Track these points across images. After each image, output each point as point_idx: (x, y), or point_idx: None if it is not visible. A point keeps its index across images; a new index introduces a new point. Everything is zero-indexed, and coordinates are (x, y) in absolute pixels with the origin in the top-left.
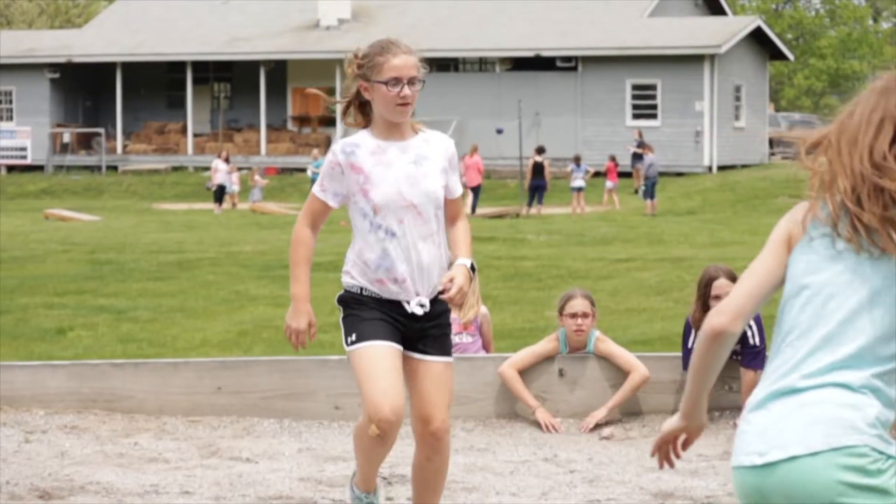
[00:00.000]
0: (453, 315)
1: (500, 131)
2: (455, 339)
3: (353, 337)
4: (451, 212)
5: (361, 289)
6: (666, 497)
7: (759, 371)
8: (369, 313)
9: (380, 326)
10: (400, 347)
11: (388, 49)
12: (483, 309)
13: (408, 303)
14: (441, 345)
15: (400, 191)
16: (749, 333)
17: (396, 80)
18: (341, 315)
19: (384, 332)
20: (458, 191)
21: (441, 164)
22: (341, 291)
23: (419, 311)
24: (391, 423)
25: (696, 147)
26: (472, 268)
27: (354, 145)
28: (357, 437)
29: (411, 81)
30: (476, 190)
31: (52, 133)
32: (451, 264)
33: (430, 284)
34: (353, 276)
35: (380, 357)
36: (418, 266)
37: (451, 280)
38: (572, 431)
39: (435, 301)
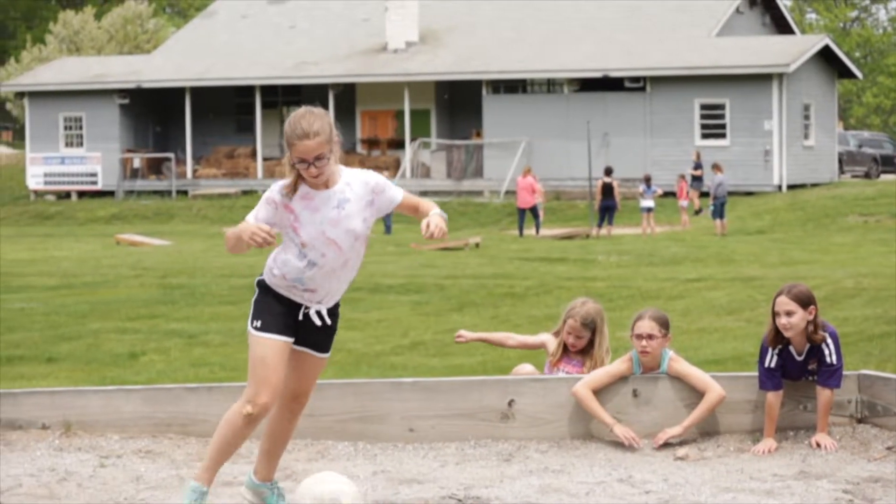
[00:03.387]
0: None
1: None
2: (562, 370)
3: (258, 323)
4: (408, 209)
5: (277, 286)
6: None
7: (836, 389)
8: (277, 307)
9: (281, 321)
10: (291, 341)
11: (295, 132)
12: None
13: (308, 308)
14: (326, 344)
15: (323, 231)
16: (826, 352)
17: (302, 161)
18: (255, 296)
19: (284, 327)
20: (397, 198)
21: (363, 201)
22: (261, 275)
23: (316, 320)
24: (264, 408)
25: (766, 166)
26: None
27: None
28: (226, 421)
29: (318, 158)
30: (533, 210)
31: (122, 158)
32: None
33: (334, 299)
34: (274, 276)
35: (274, 350)
36: (329, 287)
37: (428, 224)
38: (647, 452)
39: (331, 313)
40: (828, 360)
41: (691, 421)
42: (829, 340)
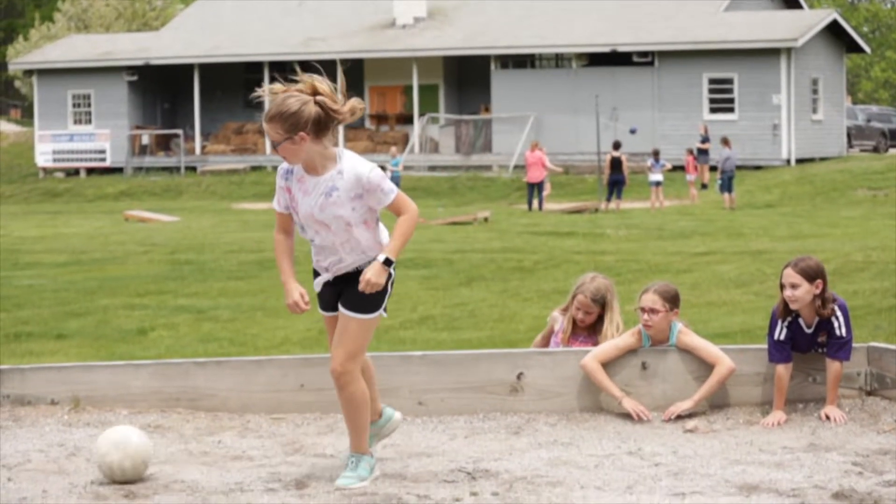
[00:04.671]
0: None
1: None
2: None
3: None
4: (393, 212)
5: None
6: (751, 490)
7: (845, 362)
8: (316, 288)
9: (320, 300)
10: (334, 312)
11: (265, 112)
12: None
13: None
14: (350, 301)
15: (312, 214)
16: (836, 325)
17: (273, 142)
18: None
19: (323, 304)
20: (385, 201)
21: (352, 192)
22: None
23: (319, 288)
24: (332, 374)
25: (774, 140)
26: (388, 262)
27: (289, 172)
28: None
29: (275, 143)
30: (539, 186)
31: (130, 135)
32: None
33: (344, 270)
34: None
35: (326, 324)
36: (336, 261)
37: (364, 274)
38: (656, 424)
39: (356, 274)
40: (837, 332)
41: (701, 395)
42: (839, 313)
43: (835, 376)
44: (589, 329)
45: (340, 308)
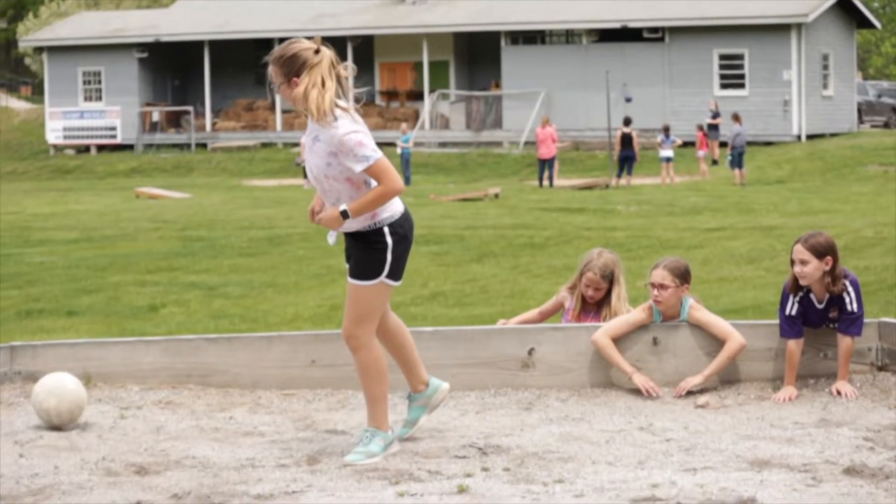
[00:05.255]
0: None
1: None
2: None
3: None
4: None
5: None
6: (762, 465)
7: (857, 337)
8: (329, 240)
9: (346, 260)
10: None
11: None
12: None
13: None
14: (351, 267)
15: (308, 160)
16: (847, 300)
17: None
18: None
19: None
20: (357, 167)
21: (328, 149)
22: None
23: (331, 241)
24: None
25: (785, 116)
26: (344, 213)
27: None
28: None
29: (271, 82)
30: (550, 162)
31: (141, 112)
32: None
33: (346, 231)
34: None
35: None
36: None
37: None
38: (667, 400)
39: (356, 235)
40: (848, 307)
41: (712, 370)
42: (850, 289)
43: (846, 352)
44: (598, 305)
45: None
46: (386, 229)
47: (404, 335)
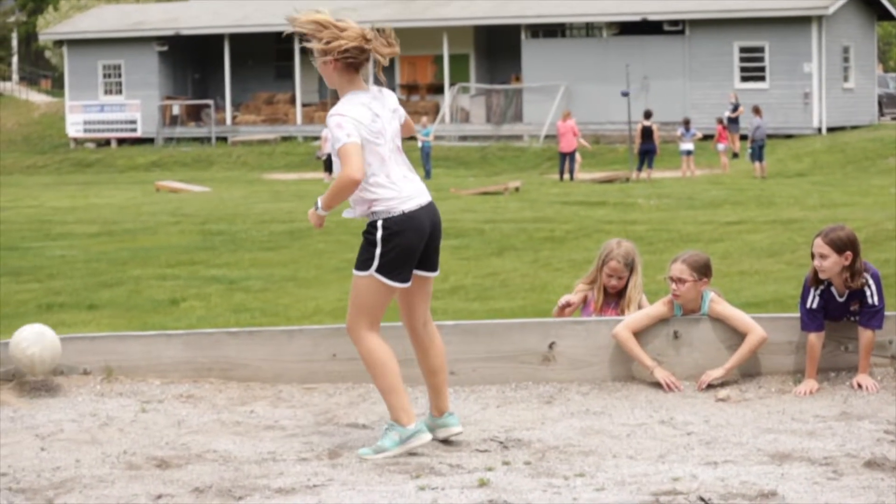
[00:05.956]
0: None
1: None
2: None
3: None
4: None
5: None
6: (783, 458)
7: (878, 330)
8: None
9: None
10: None
11: None
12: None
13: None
14: (356, 258)
15: None
16: (868, 293)
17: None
18: None
19: None
20: (335, 147)
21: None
22: None
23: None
24: None
25: (805, 109)
26: (315, 204)
27: None
28: None
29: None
30: (571, 155)
31: (161, 106)
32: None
33: (353, 213)
34: None
35: None
36: None
37: None
38: (688, 393)
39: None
40: (870, 301)
41: (733, 363)
42: (871, 282)
43: (867, 345)
44: (618, 295)
45: None
46: (379, 223)
47: (439, 364)
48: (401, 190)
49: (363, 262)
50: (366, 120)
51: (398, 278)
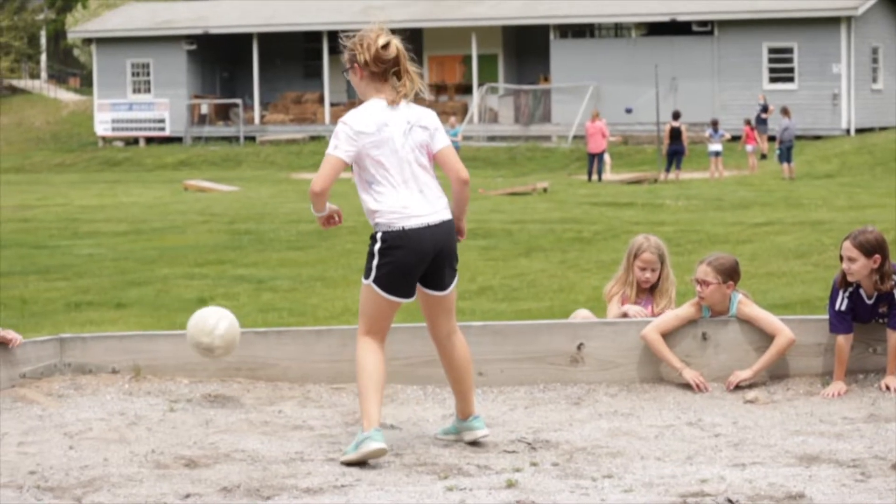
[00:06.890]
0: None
1: (629, 111)
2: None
3: None
4: None
5: None
6: (811, 460)
7: None
8: None
9: None
10: None
11: None
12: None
13: None
14: None
15: None
16: None
17: None
18: None
19: None
20: None
21: None
22: None
23: None
24: None
25: (834, 110)
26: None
27: None
28: None
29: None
30: (600, 156)
31: (189, 104)
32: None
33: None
34: None
35: None
36: None
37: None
38: (716, 395)
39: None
40: None
41: (761, 365)
42: None
43: None
44: (650, 290)
45: None
46: (379, 235)
47: (464, 373)
48: (406, 205)
49: (364, 270)
50: (369, 129)
51: (395, 293)
